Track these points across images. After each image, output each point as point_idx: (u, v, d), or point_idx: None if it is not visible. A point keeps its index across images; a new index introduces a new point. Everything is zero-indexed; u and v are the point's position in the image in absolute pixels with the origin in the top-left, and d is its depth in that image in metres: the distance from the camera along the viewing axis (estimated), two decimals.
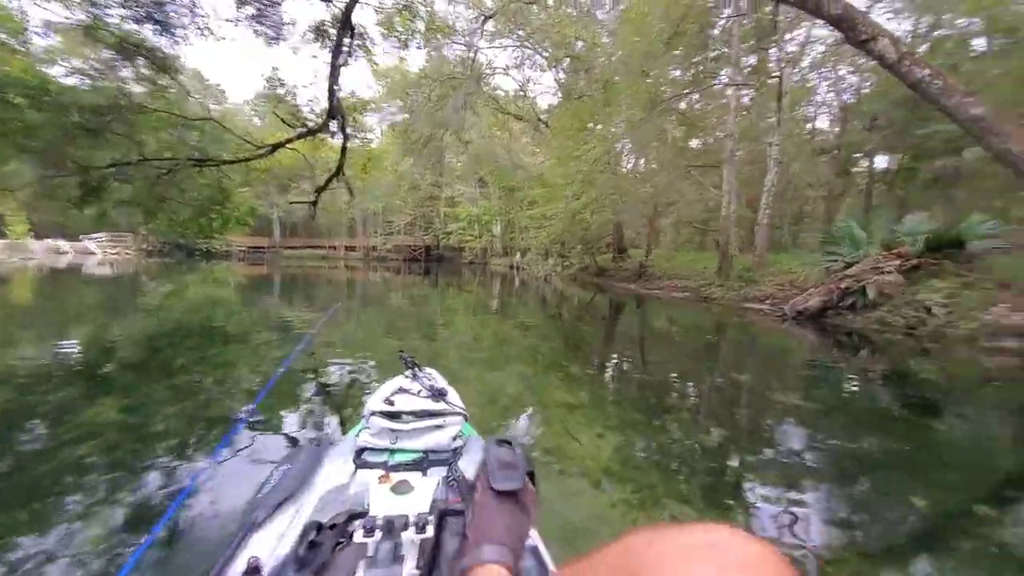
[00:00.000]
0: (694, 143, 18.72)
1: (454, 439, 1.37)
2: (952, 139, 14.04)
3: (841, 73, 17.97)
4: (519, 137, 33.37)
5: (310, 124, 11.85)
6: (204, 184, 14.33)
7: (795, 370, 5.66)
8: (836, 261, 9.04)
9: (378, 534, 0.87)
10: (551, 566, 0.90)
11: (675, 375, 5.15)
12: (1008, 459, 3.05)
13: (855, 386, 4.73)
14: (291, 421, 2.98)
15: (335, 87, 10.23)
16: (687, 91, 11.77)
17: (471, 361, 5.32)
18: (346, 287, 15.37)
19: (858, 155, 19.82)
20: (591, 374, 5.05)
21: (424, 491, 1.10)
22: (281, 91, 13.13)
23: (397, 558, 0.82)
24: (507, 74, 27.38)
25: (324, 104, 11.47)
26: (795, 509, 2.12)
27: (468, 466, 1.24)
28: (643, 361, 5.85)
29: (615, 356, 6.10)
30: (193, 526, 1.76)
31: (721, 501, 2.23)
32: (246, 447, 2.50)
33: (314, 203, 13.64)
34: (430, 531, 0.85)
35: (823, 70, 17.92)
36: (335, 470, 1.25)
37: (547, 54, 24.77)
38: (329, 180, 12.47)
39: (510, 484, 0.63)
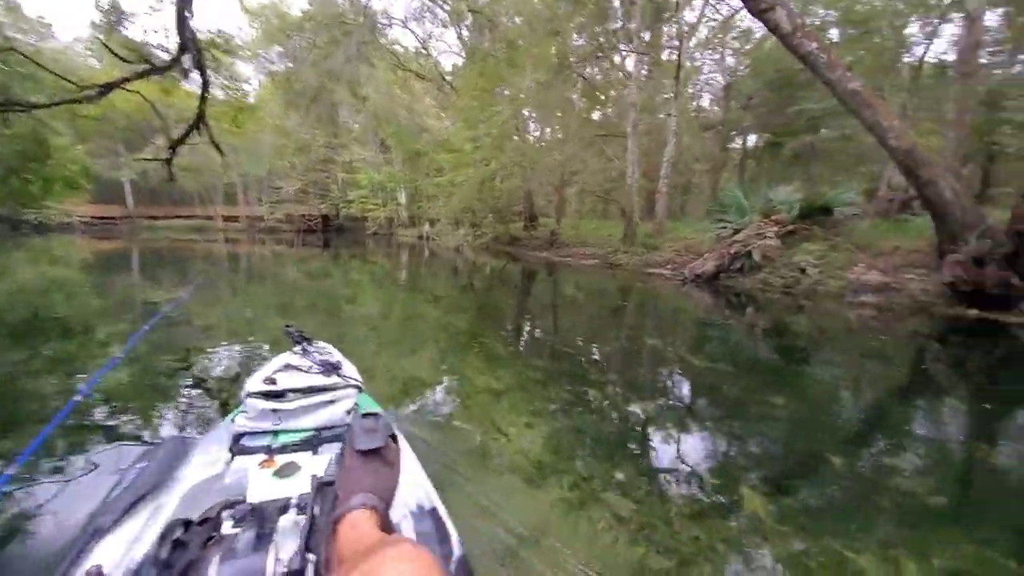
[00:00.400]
0: (596, 115, 18.99)
1: (348, 413, 1.30)
2: (812, 118, 15.93)
3: (721, 55, 19.28)
4: (422, 98, 31.19)
5: (158, 62, 9.40)
6: (12, 136, 11.04)
7: (694, 330, 6.07)
8: (725, 228, 9.68)
9: (247, 522, 0.80)
10: (454, 534, 0.93)
11: (589, 341, 5.15)
12: (855, 396, 3.65)
13: (744, 341, 5.25)
14: (148, 415, 2.60)
15: (186, 13, 8.09)
16: (594, 56, 11.53)
17: (381, 340, 4.75)
18: (228, 262, 13.45)
19: (735, 132, 21.71)
20: (506, 345, 4.82)
21: (314, 470, 1.02)
22: (114, 18, 10.27)
23: (263, 544, 0.75)
24: (406, 27, 24.93)
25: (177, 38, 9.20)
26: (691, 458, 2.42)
27: None
28: (558, 329, 5.70)
29: (530, 325, 5.84)
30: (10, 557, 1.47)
31: (641, 465, 2.35)
32: (77, 452, 2.14)
33: (168, 161, 11.00)
34: (316, 510, 0.78)
35: (708, 51, 19.03)
36: (206, 461, 1.16)
37: (448, 6, 23.11)
38: (187, 133, 10.11)
39: (371, 443, 0.69)
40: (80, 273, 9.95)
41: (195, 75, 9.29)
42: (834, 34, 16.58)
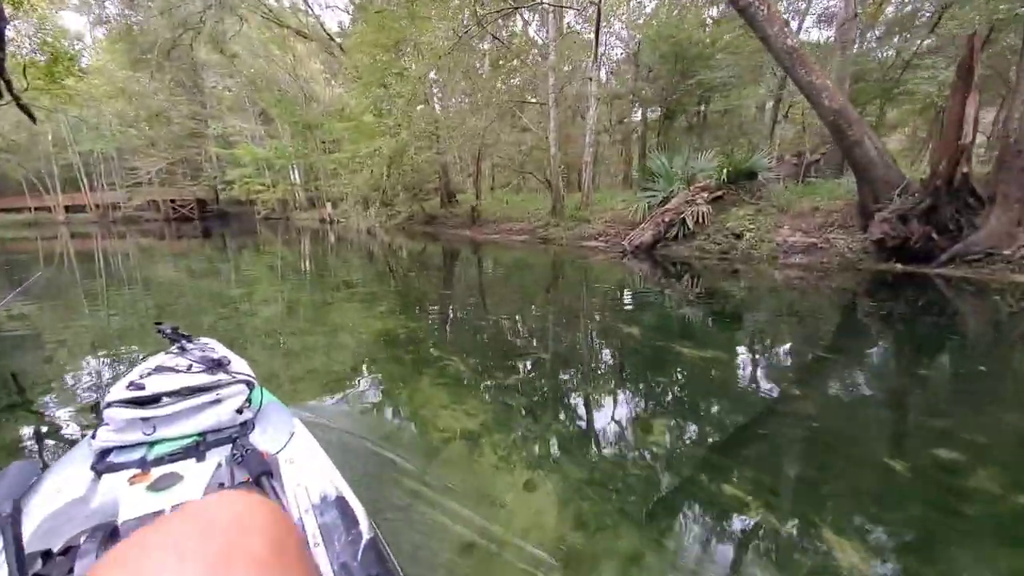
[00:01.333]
0: (504, 84, 17.81)
1: (240, 411, 1.18)
2: (704, 92, 16.51)
3: (617, 28, 19.13)
4: (306, 61, 27.20)
5: None
6: None
7: (632, 300, 5.61)
8: (654, 196, 9.42)
9: (108, 544, 0.70)
10: (362, 517, 0.92)
11: (525, 319, 4.56)
12: (782, 347, 3.72)
13: (681, 309, 4.96)
14: None
15: None
16: (510, 12, 10.34)
17: (287, 343, 3.83)
18: (79, 262, 10.48)
19: (636, 103, 22.05)
20: (432, 331, 4.02)
21: (198, 478, 0.95)
22: None
23: None
24: None
25: None
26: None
27: (263, 436, 1.13)
28: (494, 313, 4.85)
29: (463, 310, 4.90)
30: None
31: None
32: None
33: None
34: None
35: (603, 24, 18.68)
36: (63, 485, 1.01)
37: None
38: None
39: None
40: None
41: None
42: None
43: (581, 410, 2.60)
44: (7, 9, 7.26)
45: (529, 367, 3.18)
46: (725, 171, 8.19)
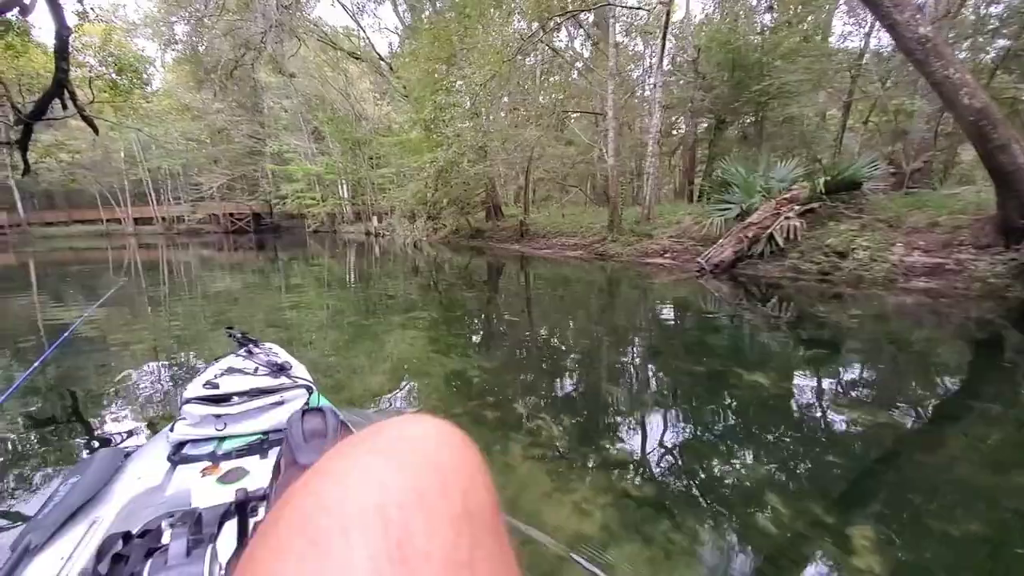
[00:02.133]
0: (559, 95, 17.25)
1: None
2: (761, 100, 15.35)
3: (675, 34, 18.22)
4: (357, 82, 27.88)
5: None
6: None
7: (703, 325, 4.85)
8: (729, 209, 8.46)
9: (189, 530, 0.72)
10: None
11: (620, 365, 3.67)
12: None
13: (798, 353, 3.97)
14: (73, 430, 2.31)
15: None
16: (580, 9, 9.75)
17: (334, 350, 3.89)
18: (147, 272, 10.85)
19: (690, 113, 20.98)
20: (515, 383, 3.19)
21: (263, 474, 0.97)
22: None
23: (197, 551, 0.67)
24: (334, 0, 21.63)
25: None
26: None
27: None
28: (575, 347, 4.12)
29: (541, 347, 4.14)
30: None
31: None
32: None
33: (21, 144, 7.65)
34: (261, 512, 0.76)
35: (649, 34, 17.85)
36: (144, 472, 1.07)
37: None
38: (44, 102, 6.94)
39: (316, 455, 0.54)
40: None
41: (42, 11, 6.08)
42: None
43: (728, 503, 1.86)
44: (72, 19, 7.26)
45: (641, 432, 2.45)
46: (822, 180, 7.14)
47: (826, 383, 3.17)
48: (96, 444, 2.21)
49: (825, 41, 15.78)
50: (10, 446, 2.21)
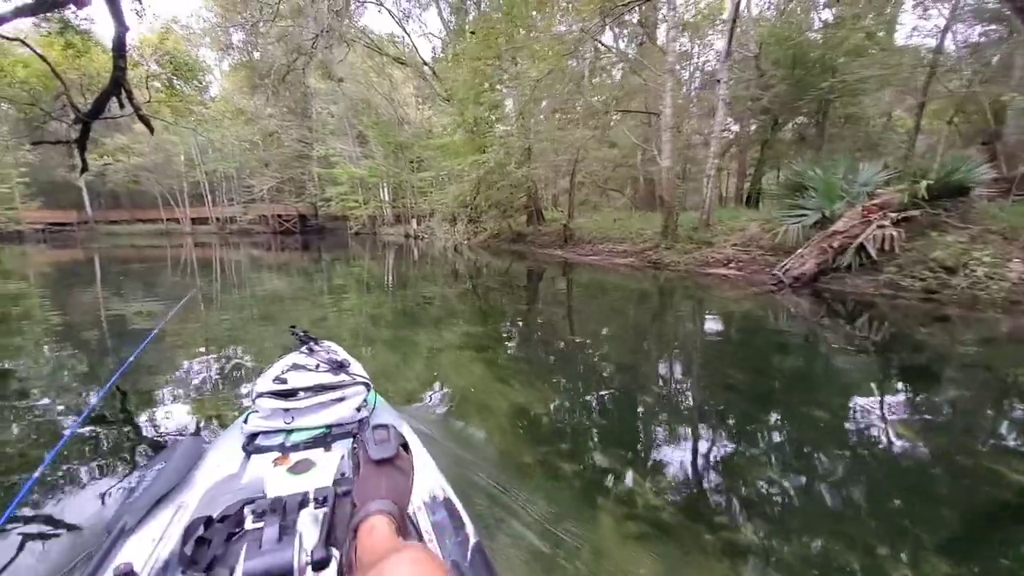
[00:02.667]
0: (599, 97, 16.57)
1: (358, 410, 1.28)
2: (825, 99, 14.08)
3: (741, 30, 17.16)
4: (401, 87, 28.17)
5: None
6: None
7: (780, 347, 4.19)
8: (806, 216, 7.58)
9: (269, 516, 0.77)
10: (467, 520, 0.95)
11: (708, 399, 2.99)
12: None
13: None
14: (160, 422, 2.43)
15: None
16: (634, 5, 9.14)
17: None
18: (202, 271, 11.29)
19: (754, 113, 19.71)
20: (593, 425, 2.65)
21: (328, 466, 0.99)
22: None
23: (288, 536, 0.73)
24: (381, 6, 21.87)
25: None
26: None
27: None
28: (650, 380, 3.49)
29: (613, 376, 3.55)
30: (36, 552, 1.39)
31: None
32: (101, 456, 2.05)
33: (80, 142, 7.78)
34: (347, 506, 0.79)
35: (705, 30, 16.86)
36: (222, 461, 1.15)
37: None
38: (102, 101, 7.00)
39: (384, 453, 0.65)
40: (37, 288, 8.40)
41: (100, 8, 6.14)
42: None
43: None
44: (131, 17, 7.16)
45: (767, 503, 1.90)
46: (924, 184, 6.19)
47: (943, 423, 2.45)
48: (177, 433, 2.30)
49: (890, 37, 14.57)
50: (103, 433, 2.33)
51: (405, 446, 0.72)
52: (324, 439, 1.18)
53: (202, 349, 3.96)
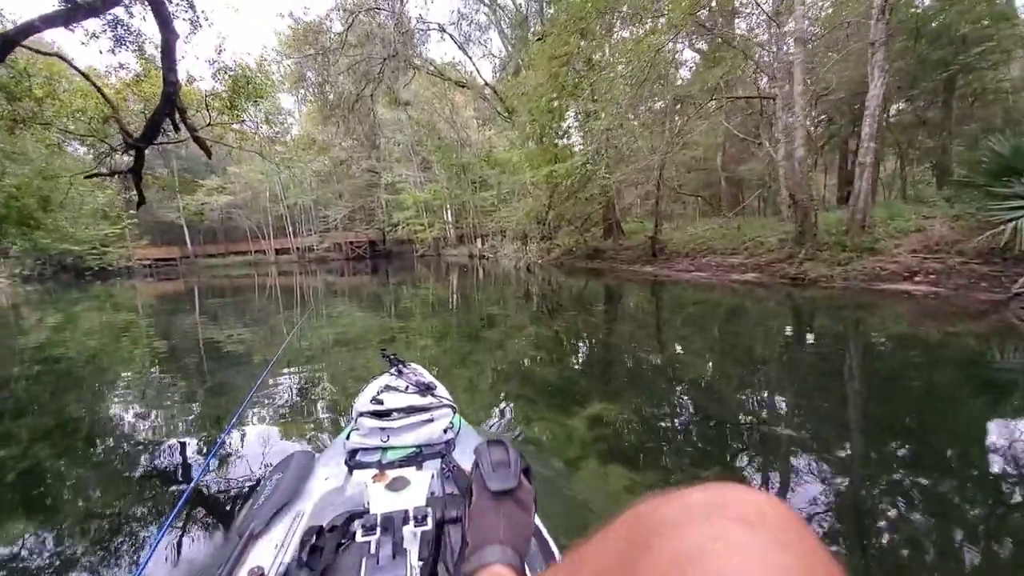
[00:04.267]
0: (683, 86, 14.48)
1: (445, 431, 1.29)
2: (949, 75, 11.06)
3: None
4: (462, 110, 27.90)
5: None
6: None
7: None
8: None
9: (378, 531, 0.82)
10: (556, 552, 0.89)
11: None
12: None
13: None
14: (273, 436, 2.65)
15: None
16: None
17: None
18: (281, 297, 11.52)
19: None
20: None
21: (420, 485, 1.03)
22: None
23: (399, 552, 0.77)
24: (443, 33, 21.60)
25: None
26: None
27: (461, 456, 1.21)
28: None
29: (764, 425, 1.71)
30: (185, 549, 1.59)
31: None
32: (229, 466, 2.25)
33: (135, 172, 7.09)
34: (430, 523, 0.83)
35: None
36: (329, 474, 1.20)
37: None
38: (156, 122, 6.21)
39: (505, 483, 0.57)
40: (145, 318, 8.62)
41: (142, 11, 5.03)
42: None
43: None
44: (184, 28, 6.36)
45: None
46: None
47: None
48: (290, 446, 2.44)
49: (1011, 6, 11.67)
50: (230, 446, 2.48)
51: (527, 472, 0.61)
52: (416, 458, 1.19)
53: (308, 371, 4.05)
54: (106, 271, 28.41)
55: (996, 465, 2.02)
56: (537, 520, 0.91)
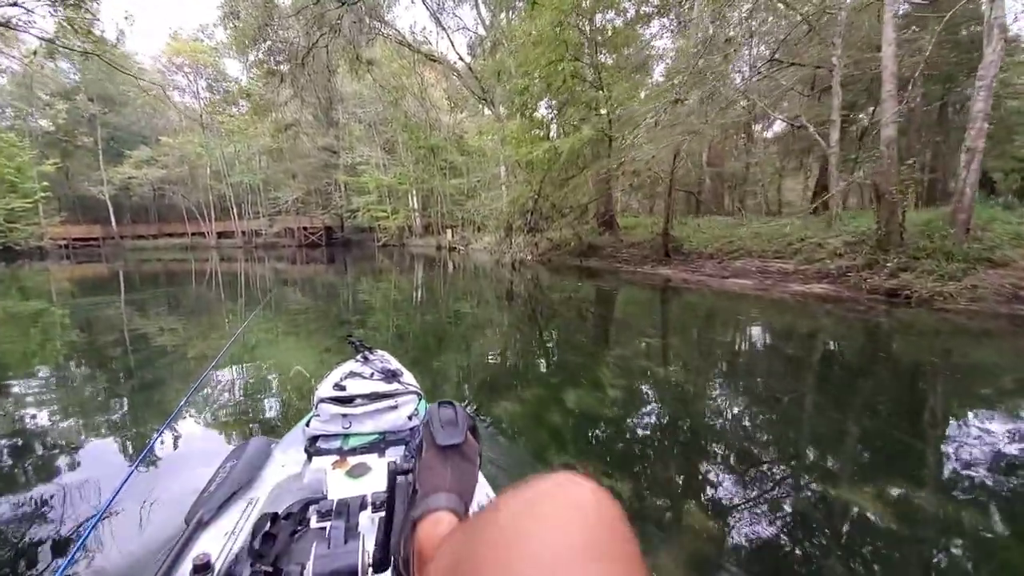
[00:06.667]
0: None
1: (410, 418, 1.24)
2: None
3: None
4: (431, 89, 24.85)
5: None
6: None
7: None
8: None
9: (333, 517, 0.79)
10: None
11: None
12: None
13: None
14: (228, 422, 2.48)
15: None
16: None
17: None
18: (227, 286, 9.75)
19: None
20: None
21: (381, 472, 0.99)
22: None
23: (352, 537, 0.73)
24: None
25: None
26: None
27: None
28: None
29: None
30: (124, 539, 1.45)
31: None
32: (174, 452, 2.12)
33: None
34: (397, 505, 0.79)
35: None
36: (287, 461, 1.16)
37: None
38: None
39: (452, 439, 0.60)
40: (61, 308, 6.94)
41: None
42: None
43: None
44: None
45: None
46: None
47: None
48: (246, 432, 2.29)
49: None
50: (182, 430, 2.37)
51: (473, 430, 0.64)
52: (379, 445, 1.15)
53: (260, 361, 3.72)
54: (12, 251, 23.18)
55: None
56: (488, 485, 0.96)
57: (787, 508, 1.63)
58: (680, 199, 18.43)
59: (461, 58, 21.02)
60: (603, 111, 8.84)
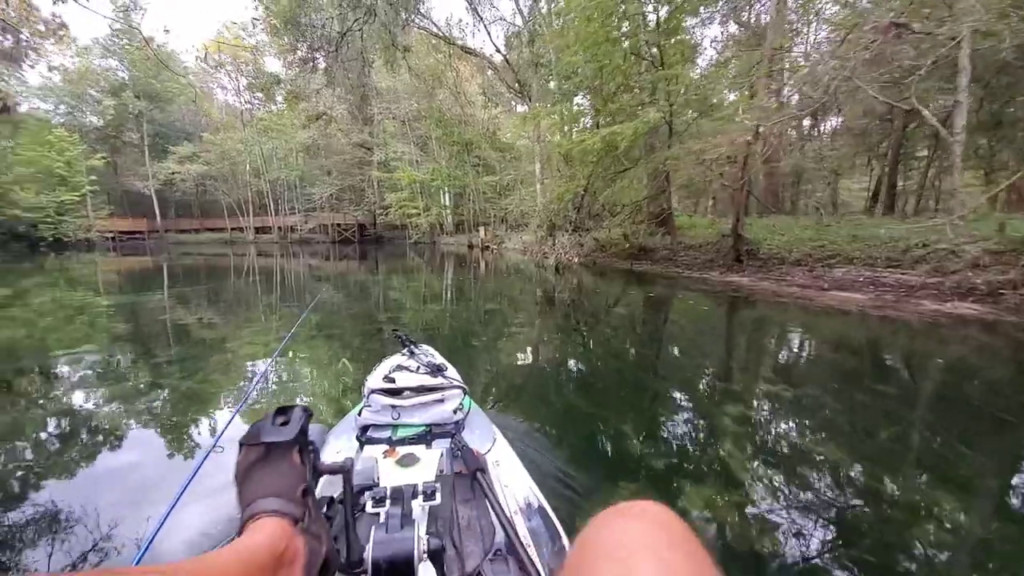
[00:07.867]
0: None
1: (455, 412, 1.26)
2: None
3: None
4: (466, 84, 24.02)
5: None
6: None
7: None
8: None
9: (388, 503, 0.81)
10: (563, 532, 0.91)
11: None
12: None
13: None
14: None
15: None
16: None
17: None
18: (264, 281, 9.62)
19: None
20: None
21: (429, 462, 1.01)
22: None
23: (408, 523, 0.75)
24: None
25: None
26: None
27: (471, 437, 1.20)
28: None
29: None
30: (195, 520, 1.51)
31: None
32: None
33: None
34: (438, 498, 0.82)
35: None
36: (340, 447, 1.20)
37: None
38: None
39: (280, 437, 0.59)
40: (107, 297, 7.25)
41: None
42: None
43: None
44: None
45: None
46: None
47: None
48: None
49: None
50: (249, 417, 2.42)
51: (305, 428, 0.64)
52: (426, 436, 1.17)
53: (310, 353, 3.84)
54: (62, 242, 23.95)
55: None
56: (542, 498, 1.01)
57: None
58: (726, 197, 16.91)
59: (498, 50, 20.09)
60: (663, 96, 7.67)
